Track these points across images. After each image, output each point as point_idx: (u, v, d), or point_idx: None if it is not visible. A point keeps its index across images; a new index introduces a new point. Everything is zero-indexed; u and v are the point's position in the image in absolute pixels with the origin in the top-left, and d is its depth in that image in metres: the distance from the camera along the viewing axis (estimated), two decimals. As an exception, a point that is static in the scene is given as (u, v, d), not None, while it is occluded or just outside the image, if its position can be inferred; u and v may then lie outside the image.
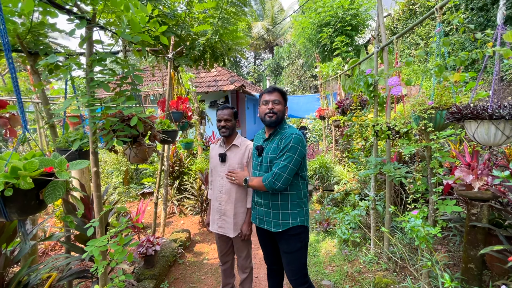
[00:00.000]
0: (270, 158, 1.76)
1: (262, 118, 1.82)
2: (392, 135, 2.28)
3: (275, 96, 1.77)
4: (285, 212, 1.76)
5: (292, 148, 1.67)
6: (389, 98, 2.68)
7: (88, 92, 1.26)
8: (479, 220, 2.19)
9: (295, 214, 1.77)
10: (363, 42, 9.10)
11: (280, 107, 1.77)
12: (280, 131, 1.80)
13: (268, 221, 1.82)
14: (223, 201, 2.13)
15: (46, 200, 0.92)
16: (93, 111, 1.20)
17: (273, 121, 1.76)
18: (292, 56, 20.70)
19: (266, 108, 1.78)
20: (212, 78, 9.99)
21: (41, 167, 0.89)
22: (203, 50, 3.13)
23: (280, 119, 1.78)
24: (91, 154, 1.36)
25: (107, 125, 1.20)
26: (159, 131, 1.73)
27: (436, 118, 1.65)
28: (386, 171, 2.41)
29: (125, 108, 1.24)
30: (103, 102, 1.27)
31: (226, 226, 2.15)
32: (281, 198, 1.76)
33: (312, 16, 8.72)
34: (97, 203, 1.38)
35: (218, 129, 2.10)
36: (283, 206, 1.77)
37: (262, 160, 1.82)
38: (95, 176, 1.37)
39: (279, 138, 1.76)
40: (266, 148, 1.82)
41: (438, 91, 1.64)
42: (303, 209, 1.80)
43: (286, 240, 1.79)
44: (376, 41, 2.78)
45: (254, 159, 1.91)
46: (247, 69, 30.81)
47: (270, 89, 1.80)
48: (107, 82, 1.24)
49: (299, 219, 1.77)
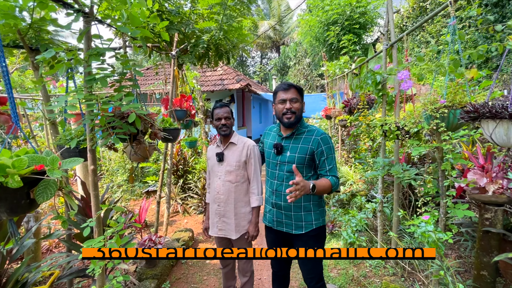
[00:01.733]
0: (297, 157, 1.66)
1: (280, 118, 1.73)
2: (402, 135, 2.20)
3: (292, 93, 1.66)
4: (308, 213, 1.70)
5: (332, 149, 1.66)
6: (398, 96, 2.58)
7: (84, 88, 1.22)
8: (493, 225, 2.09)
9: (317, 215, 1.71)
10: (371, 40, 8.93)
11: (298, 105, 1.68)
12: (303, 129, 1.72)
13: (288, 224, 1.75)
14: (222, 202, 2.07)
15: (37, 199, 0.88)
16: (90, 107, 1.16)
17: (292, 122, 1.68)
18: (298, 55, 20.56)
19: (283, 108, 1.68)
20: (218, 77, 9.97)
21: (31, 165, 0.85)
22: (207, 48, 3.09)
23: (299, 118, 1.70)
24: (88, 151, 1.32)
25: (102, 122, 1.16)
26: (160, 129, 1.69)
27: (449, 118, 1.56)
28: (394, 172, 2.32)
29: (123, 105, 1.19)
30: (98, 99, 1.23)
31: (226, 228, 2.09)
32: (304, 199, 1.69)
33: (320, 14, 8.60)
34: (94, 202, 1.34)
35: (217, 128, 2.03)
36: (306, 207, 1.70)
37: (282, 159, 1.72)
38: (92, 175, 1.33)
39: (307, 137, 1.68)
40: (288, 146, 1.72)
41: (451, 89, 1.55)
42: (323, 209, 1.76)
43: (305, 242, 1.72)
44: (385, 38, 2.68)
45: (271, 158, 1.82)
46: (253, 68, 30.76)
47: (285, 86, 1.68)
48: (105, 78, 1.20)
49: (321, 219, 1.72)
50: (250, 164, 2.03)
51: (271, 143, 1.84)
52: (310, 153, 1.64)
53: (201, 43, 2.97)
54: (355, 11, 8.11)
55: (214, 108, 2.05)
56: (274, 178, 1.78)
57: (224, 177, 2.04)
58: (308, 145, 1.65)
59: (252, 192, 2.06)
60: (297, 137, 1.71)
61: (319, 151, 1.63)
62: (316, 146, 1.63)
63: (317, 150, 1.63)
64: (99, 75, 1.24)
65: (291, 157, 1.69)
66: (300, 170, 1.67)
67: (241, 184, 2.05)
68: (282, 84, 1.71)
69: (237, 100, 10.81)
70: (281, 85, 1.72)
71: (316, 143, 1.63)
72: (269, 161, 1.84)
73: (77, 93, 1.10)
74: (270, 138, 1.90)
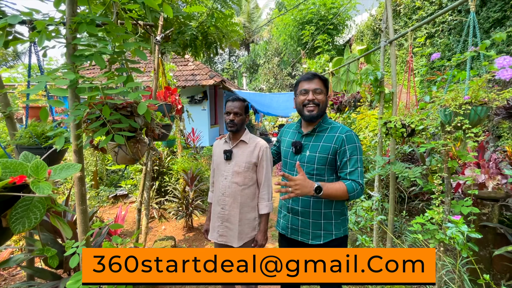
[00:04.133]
0: (318, 157, 1.48)
1: (300, 111, 1.55)
2: (407, 133, 2.17)
3: (316, 84, 1.49)
4: (328, 222, 1.51)
5: (358, 149, 1.46)
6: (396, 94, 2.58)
7: (72, 67, 0.90)
8: (490, 220, 2.18)
9: (338, 224, 1.53)
10: (343, 42, 9.22)
11: (323, 97, 1.50)
12: (326, 126, 1.55)
13: (304, 232, 1.55)
14: (226, 205, 1.84)
15: (12, 228, 0.57)
16: (80, 92, 0.85)
17: (314, 116, 1.49)
18: (268, 54, 20.63)
19: (305, 99, 1.50)
20: (190, 72, 9.45)
21: (5, 176, 0.54)
22: (195, 36, 2.77)
23: (322, 112, 1.52)
24: (74, 153, 0.99)
25: (106, 112, 0.85)
26: (158, 124, 1.39)
27: (470, 115, 1.52)
28: (396, 171, 2.30)
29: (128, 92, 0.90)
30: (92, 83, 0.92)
31: (229, 234, 1.86)
32: (325, 206, 1.51)
33: (294, 12, 8.62)
34: (82, 220, 1.02)
35: (226, 123, 1.81)
36: (326, 215, 1.51)
37: (301, 159, 1.54)
38: (79, 184, 1.00)
39: (330, 135, 1.50)
40: (308, 145, 1.54)
41: (474, 85, 1.52)
42: (345, 217, 1.58)
43: None
44: (383, 35, 2.66)
45: (289, 158, 1.62)
46: (221, 65, 30.18)
47: (309, 75, 1.51)
48: (100, 54, 0.89)
49: (342, 229, 1.54)
50: (261, 167, 1.82)
51: (289, 141, 1.65)
52: (332, 153, 1.48)
53: (189, 30, 2.65)
54: (329, 11, 8.28)
55: (227, 100, 1.82)
56: None
57: (231, 178, 1.81)
58: (331, 144, 1.48)
59: (261, 197, 1.85)
60: (318, 135, 1.54)
61: (342, 150, 1.46)
62: (340, 144, 1.46)
63: (340, 149, 1.46)
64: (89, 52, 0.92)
65: (311, 157, 1.51)
66: (321, 172, 1.50)
67: (248, 188, 1.83)
68: (306, 73, 1.53)
69: (210, 97, 10.38)
70: (304, 74, 1.54)
71: (340, 141, 1.47)
72: (286, 161, 1.65)
73: (66, 72, 0.78)
74: (288, 135, 1.70)
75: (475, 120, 1.54)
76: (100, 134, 0.91)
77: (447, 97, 1.58)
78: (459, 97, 1.55)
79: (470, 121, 1.54)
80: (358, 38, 7.75)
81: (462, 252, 1.41)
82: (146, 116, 0.99)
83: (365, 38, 7.28)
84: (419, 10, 4.83)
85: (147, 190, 3.00)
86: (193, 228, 3.98)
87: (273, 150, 1.95)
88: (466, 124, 1.48)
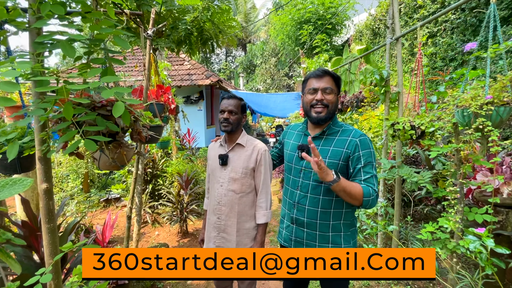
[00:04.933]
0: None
1: (307, 111, 1.39)
2: (416, 135, 2.03)
3: (326, 82, 1.33)
4: (337, 234, 1.36)
5: (373, 155, 1.31)
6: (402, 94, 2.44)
7: (32, 56, 0.73)
8: (504, 228, 2.05)
9: (348, 237, 1.38)
10: (341, 42, 9.12)
11: (333, 97, 1.34)
12: (336, 128, 1.39)
13: (310, 246, 1.40)
14: (222, 214, 1.68)
15: None
16: (42, 86, 0.68)
17: (322, 118, 1.34)
18: (265, 54, 20.49)
19: (312, 99, 1.34)
20: (186, 71, 9.26)
21: None
22: (189, 31, 2.61)
23: (332, 114, 1.36)
24: (38, 161, 0.82)
25: (67, 113, 0.69)
26: (145, 126, 1.22)
27: (492, 116, 1.39)
28: (405, 175, 2.16)
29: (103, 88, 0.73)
30: (58, 74, 0.76)
31: (225, 245, 1.70)
32: (334, 217, 1.35)
33: (292, 12, 8.49)
34: (50, 241, 0.85)
35: (220, 122, 1.65)
36: (335, 227, 1.36)
37: (308, 164, 1.37)
38: (45, 198, 0.83)
39: (342, 138, 1.35)
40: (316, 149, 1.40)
41: (497, 85, 1.38)
42: (355, 229, 1.43)
43: None
44: (389, 31, 2.52)
45: (294, 163, 1.46)
46: (217, 65, 30.00)
47: (319, 72, 1.34)
48: (70, 41, 0.72)
49: (352, 242, 1.39)
50: (259, 172, 1.66)
51: (294, 144, 1.49)
52: (344, 159, 1.32)
53: (183, 25, 2.49)
54: (328, 11, 8.17)
55: (222, 98, 1.66)
56: (296, 188, 1.44)
57: (227, 185, 1.65)
58: (342, 148, 1.33)
59: (259, 206, 1.69)
60: (328, 138, 1.38)
61: (355, 156, 1.30)
62: (353, 149, 1.31)
63: (353, 155, 1.31)
64: (55, 38, 0.76)
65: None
66: None
67: (246, 195, 1.67)
68: (316, 70, 1.37)
69: (206, 97, 10.20)
70: (314, 71, 1.37)
71: (353, 146, 1.31)
72: (290, 166, 1.48)
73: (22, 61, 0.62)
74: (293, 138, 1.54)
75: (496, 121, 1.41)
76: (67, 138, 0.74)
77: (466, 96, 1.44)
78: (480, 97, 1.41)
79: (492, 123, 1.41)
80: (357, 38, 7.65)
81: (486, 268, 1.26)
82: (124, 119, 0.82)
83: (364, 38, 7.17)
84: (420, 9, 4.72)
85: (139, 195, 2.82)
86: (188, 233, 3.80)
87: (274, 153, 1.80)
88: (489, 126, 1.34)
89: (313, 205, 1.38)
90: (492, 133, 1.34)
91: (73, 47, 0.74)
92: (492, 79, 3.49)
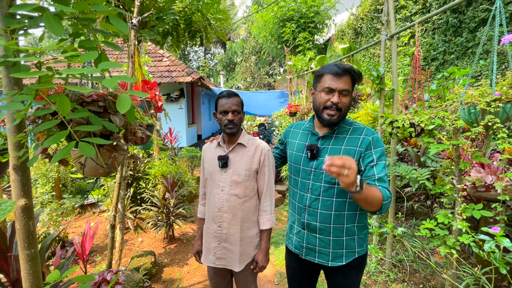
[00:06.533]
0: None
1: (318, 111, 1.28)
2: (416, 132, 2.02)
3: (345, 83, 1.20)
4: (351, 238, 1.29)
5: (384, 154, 1.24)
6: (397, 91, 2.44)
7: (4, 33, 0.56)
8: (497, 222, 2.12)
9: (361, 240, 1.31)
10: (323, 41, 9.22)
11: (348, 100, 1.24)
12: (347, 127, 1.30)
13: (323, 253, 1.31)
14: (224, 222, 1.54)
15: None
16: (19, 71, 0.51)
17: (334, 122, 1.24)
18: (246, 52, 20.31)
19: (327, 100, 1.22)
20: (165, 68, 8.86)
21: None
22: (177, 23, 2.41)
23: (344, 117, 1.27)
24: (13, 171, 0.64)
25: (61, 108, 0.52)
26: (142, 125, 1.06)
27: (499, 113, 1.38)
28: (402, 172, 2.15)
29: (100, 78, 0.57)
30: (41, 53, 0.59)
31: (228, 256, 1.56)
32: (347, 220, 1.27)
33: (275, 9, 8.43)
34: (30, 271, 0.67)
35: (223, 125, 1.49)
36: (349, 231, 1.28)
37: (320, 165, 1.27)
38: (23, 217, 0.65)
39: (353, 137, 1.26)
40: (326, 149, 1.29)
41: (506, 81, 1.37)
42: (367, 231, 1.37)
43: (345, 274, 1.32)
44: (384, 28, 2.51)
45: (302, 164, 1.36)
46: (196, 63, 29.33)
47: (339, 70, 1.19)
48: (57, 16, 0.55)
49: (365, 245, 1.33)
50: (263, 174, 1.54)
51: (301, 144, 1.39)
52: (357, 158, 1.24)
53: (170, 15, 2.29)
54: (310, 9, 8.20)
55: (220, 97, 1.49)
56: (306, 191, 1.34)
57: (229, 190, 1.51)
58: (355, 147, 1.25)
59: (263, 210, 1.57)
60: (338, 137, 1.30)
61: (367, 154, 1.23)
62: (365, 148, 1.23)
63: (365, 153, 1.23)
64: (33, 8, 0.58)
65: None
66: None
67: (250, 199, 1.55)
68: (335, 65, 1.22)
69: (187, 94, 9.86)
70: (332, 66, 1.23)
71: (365, 144, 1.23)
72: (298, 167, 1.38)
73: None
74: (298, 137, 1.44)
75: (503, 118, 1.41)
76: (56, 140, 0.57)
77: (474, 93, 1.42)
78: (488, 94, 1.40)
79: (499, 120, 1.40)
80: (339, 37, 7.75)
81: (500, 269, 1.25)
82: (129, 116, 0.66)
83: (346, 37, 7.28)
84: (402, 10, 4.83)
85: (122, 200, 2.58)
86: (174, 238, 3.59)
87: (276, 154, 1.68)
88: (498, 123, 1.33)
89: (325, 208, 1.29)
90: (500, 131, 1.33)
91: (61, 23, 0.57)
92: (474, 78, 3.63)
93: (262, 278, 2.72)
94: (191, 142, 10.28)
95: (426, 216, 3.13)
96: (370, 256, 2.73)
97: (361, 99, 3.31)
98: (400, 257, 2.53)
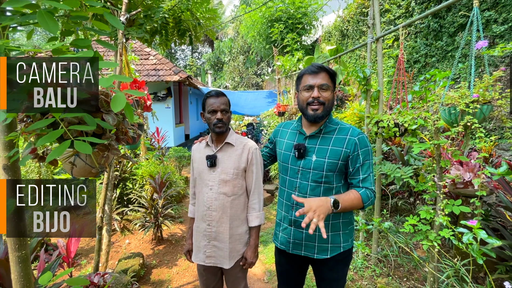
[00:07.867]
0: (327, 163, 1.29)
1: (303, 109, 1.34)
2: (400, 132, 2.10)
3: (322, 78, 1.28)
4: (336, 234, 1.35)
5: (370, 154, 1.31)
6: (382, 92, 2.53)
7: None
8: (475, 216, 2.24)
9: (346, 235, 1.37)
10: (310, 42, 9.35)
11: (329, 94, 1.30)
12: (333, 126, 1.35)
13: (309, 246, 1.37)
14: (213, 220, 1.56)
15: None
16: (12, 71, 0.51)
17: (319, 116, 1.29)
18: (234, 51, 20.25)
19: (309, 96, 1.29)
20: (152, 66, 8.70)
21: None
22: (166, 21, 2.39)
23: (329, 111, 1.32)
24: (3, 171, 0.63)
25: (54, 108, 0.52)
26: (133, 125, 1.05)
27: (477, 113, 1.47)
28: (387, 171, 2.23)
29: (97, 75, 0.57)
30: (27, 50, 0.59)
31: (218, 254, 1.58)
32: (333, 216, 1.33)
33: (263, 9, 8.46)
34: (21, 273, 0.65)
35: (211, 124, 1.50)
36: (334, 227, 1.35)
37: (306, 164, 1.33)
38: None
39: (340, 137, 1.31)
40: (313, 148, 1.34)
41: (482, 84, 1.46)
42: (353, 226, 1.43)
43: (331, 268, 1.38)
44: (370, 31, 2.59)
45: (290, 163, 1.40)
46: (183, 62, 28.96)
47: (314, 68, 1.30)
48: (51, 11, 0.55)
49: (350, 240, 1.39)
50: (251, 172, 1.56)
51: (290, 143, 1.43)
52: (344, 158, 1.30)
53: (159, 13, 2.27)
54: (298, 10, 8.30)
55: (208, 96, 1.50)
56: (294, 189, 1.38)
57: (217, 188, 1.52)
58: (341, 148, 1.30)
59: (252, 207, 1.60)
60: (325, 136, 1.35)
61: (354, 155, 1.29)
62: (352, 149, 1.29)
63: (352, 154, 1.29)
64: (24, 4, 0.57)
65: (319, 162, 1.31)
66: (330, 179, 1.32)
67: (238, 198, 1.57)
68: (310, 66, 1.32)
69: (174, 93, 9.72)
70: (308, 67, 1.33)
71: (352, 145, 1.29)
72: (286, 166, 1.42)
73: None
74: (287, 136, 1.48)
75: (480, 118, 1.50)
76: (49, 139, 0.57)
77: (454, 95, 1.50)
78: (466, 96, 1.48)
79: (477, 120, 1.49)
80: (326, 38, 7.89)
81: (477, 259, 1.33)
82: (128, 114, 0.67)
83: (332, 39, 7.42)
84: (387, 13, 4.99)
85: (109, 202, 2.53)
86: (163, 239, 3.55)
87: (265, 153, 1.72)
88: (476, 123, 1.42)
89: None
90: (478, 130, 1.41)
91: (55, 20, 0.56)
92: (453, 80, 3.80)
93: (252, 276, 2.74)
94: (179, 142, 10.16)
95: (409, 213, 3.26)
96: (357, 252, 2.82)
97: (348, 100, 3.40)
98: (385, 253, 2.63)
